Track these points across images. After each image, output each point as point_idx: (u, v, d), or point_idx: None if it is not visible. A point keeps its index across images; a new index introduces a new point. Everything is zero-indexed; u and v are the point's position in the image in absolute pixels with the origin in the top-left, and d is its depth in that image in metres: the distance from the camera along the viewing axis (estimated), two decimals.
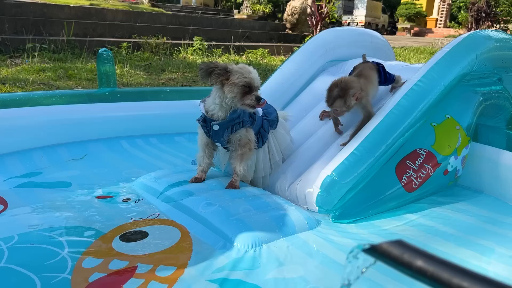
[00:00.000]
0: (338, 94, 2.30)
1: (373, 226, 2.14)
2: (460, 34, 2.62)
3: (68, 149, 3.02)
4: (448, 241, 1.96)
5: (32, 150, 2.93)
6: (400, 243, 0.65)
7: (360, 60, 3.25)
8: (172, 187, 2.32)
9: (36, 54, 7.19)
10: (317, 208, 2.17)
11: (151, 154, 3.14)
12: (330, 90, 2.36)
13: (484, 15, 19.18)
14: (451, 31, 22.65)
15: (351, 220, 2.18)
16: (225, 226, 1.92)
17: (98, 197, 2.32)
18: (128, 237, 1.89)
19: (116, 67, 6.20)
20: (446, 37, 20.72)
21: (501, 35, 2.67)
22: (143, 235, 1.92)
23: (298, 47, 3.37)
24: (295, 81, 3.06)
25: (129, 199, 2.30)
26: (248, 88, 2.16)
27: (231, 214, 2.00)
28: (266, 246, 1.85)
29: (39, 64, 6.68)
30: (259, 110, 2.38)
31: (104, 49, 3.36)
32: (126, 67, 7.29)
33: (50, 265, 1.64)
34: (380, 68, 2.64)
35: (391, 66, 3.06)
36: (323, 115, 2.72)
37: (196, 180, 2.39)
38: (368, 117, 2.39)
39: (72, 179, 2.55)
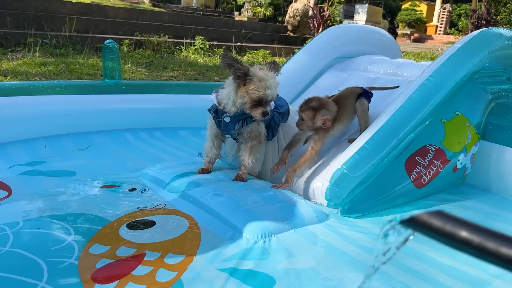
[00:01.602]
0: (314, 106, 2.20)
1: (382, 221, 2.11)
2: None
3: (71, 139, 2.98)
4: None
5: (35, 139, 2.89)
6: (441, 214, 0.62)
7: (367, 57, 3.25)
8: (178, 178, 2.29)
9: (37, 48, 7.15)
10: (326, 202, 2.14)
11: (155, 147, 3.11)
12: (309, 99, 2.25)
13: (484, 22, 19.23)
14: (451, 38, 22.71)
15: (360, 215, 2.15)
16: (234, 217, 1.89)
17: (103, 186, 2.29)
18: (135, 226, 1.86)
19: None
20: (446, 43, 20.76)
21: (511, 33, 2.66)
22: (151, 224, 1.89)
23: (299, 49, 3.34)
24: (303, 76, 3.04)
25: (135, 189, 2.27)
26: (259, 102, 2.12)
27: (240, 205, 1.97)
28: (276, 237, 1.82)
29: (40, 58, 6.64)
30: (271, 104, 2.35)
31: (110, 40, 3.33)
32: (128, 63, 7.25)
33: (56, 250, 1.61)
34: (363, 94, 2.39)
35: (398, 63, 3.05)
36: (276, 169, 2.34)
37: (203, 171, 2.36)
38: (309, 151, 2.24)
39: (76, 168, 2.52)
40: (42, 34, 7.84)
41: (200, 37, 10.06)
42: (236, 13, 21.21)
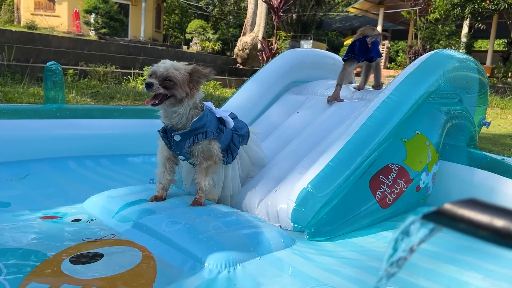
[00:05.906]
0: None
1: (350, 243, 2.01)
2: None
3: (7, 168, 2.67)
4: (431, 258, 1.86)
5: None
6: (474, 202, 0.51)
7: (323, 82, 3.23)
8: (129, 206, 2.08)
9: None
10: (291, 225, 2.02)
11: (102, 174, 2.86)
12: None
13: None
14: (391, 72, 23.85)
15: (327, 238, 2.04)
16: (194, 245, 1.71)
17: (43, 217, 2.03)
18: (79, 260, 1.63)
19: None
20: (386, 77, 21.72)
21: (461, 55, 2.73)
22: (98, 256, 1.66)
23: None
24: (261, 98, 2.95)
25: (79, 220, 2.03)
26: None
27: (200, 232, 1.79)
28: (241, 265, 1.65)
29: None
30: (230, 122, 2.23)
31: (52, 62, 3.10)
32: (72, 93, 6.91)
33: None
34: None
35: (352, 87, 3.04)
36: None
37: (157, 198, 2.17)
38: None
39: (11, 199, 2.24)
40: None
41: (149, 67, 9.87)
42: (185, 47, 21.22)
